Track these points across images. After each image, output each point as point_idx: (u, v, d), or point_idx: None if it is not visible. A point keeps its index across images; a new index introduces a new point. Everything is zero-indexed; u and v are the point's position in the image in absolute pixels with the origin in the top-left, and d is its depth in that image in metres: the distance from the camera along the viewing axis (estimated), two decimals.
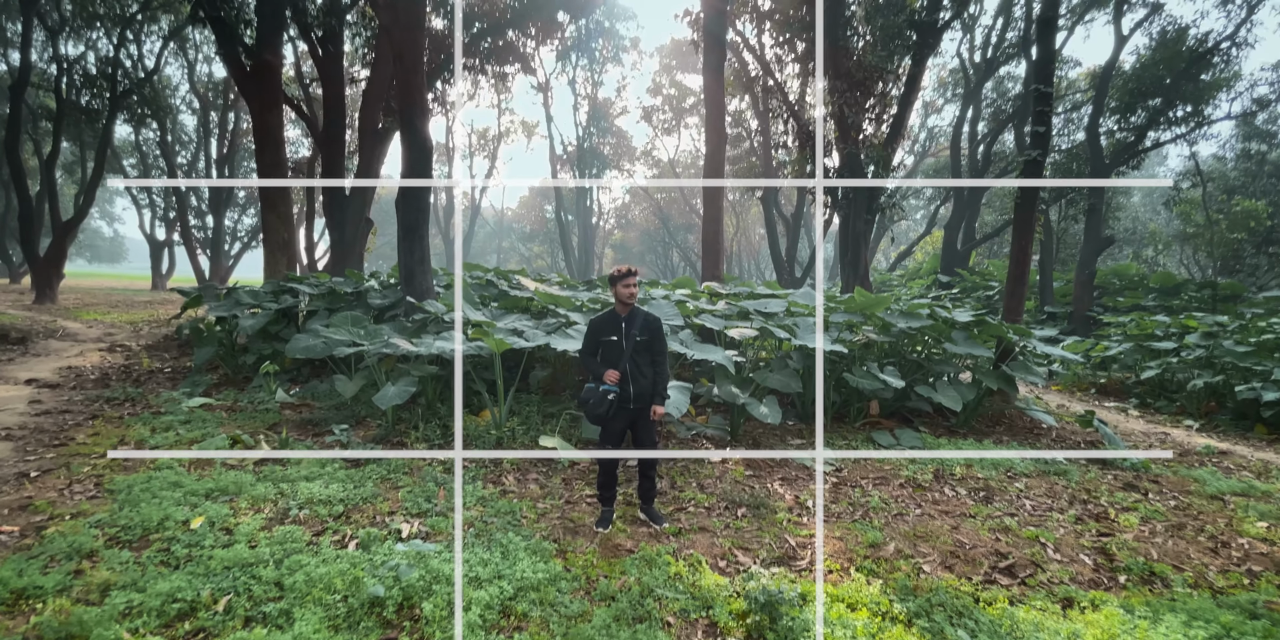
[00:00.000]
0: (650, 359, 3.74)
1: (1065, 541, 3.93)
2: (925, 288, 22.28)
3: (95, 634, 2.40)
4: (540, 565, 3.11)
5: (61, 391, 7.20)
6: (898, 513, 4.29)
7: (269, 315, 8.28)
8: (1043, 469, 5.54)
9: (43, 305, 18.46)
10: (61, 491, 4.07)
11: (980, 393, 6.96)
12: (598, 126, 33.67)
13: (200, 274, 28.77)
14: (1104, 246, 16.46)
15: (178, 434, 5.52)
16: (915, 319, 6.89)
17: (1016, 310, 8.14)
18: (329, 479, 4.40)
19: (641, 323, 3.72)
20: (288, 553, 3.22)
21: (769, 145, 21.23)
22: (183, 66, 29.82)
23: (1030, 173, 7.83)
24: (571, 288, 9.11)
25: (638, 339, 3.69)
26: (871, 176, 12.09)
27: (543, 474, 4.84)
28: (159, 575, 2.94)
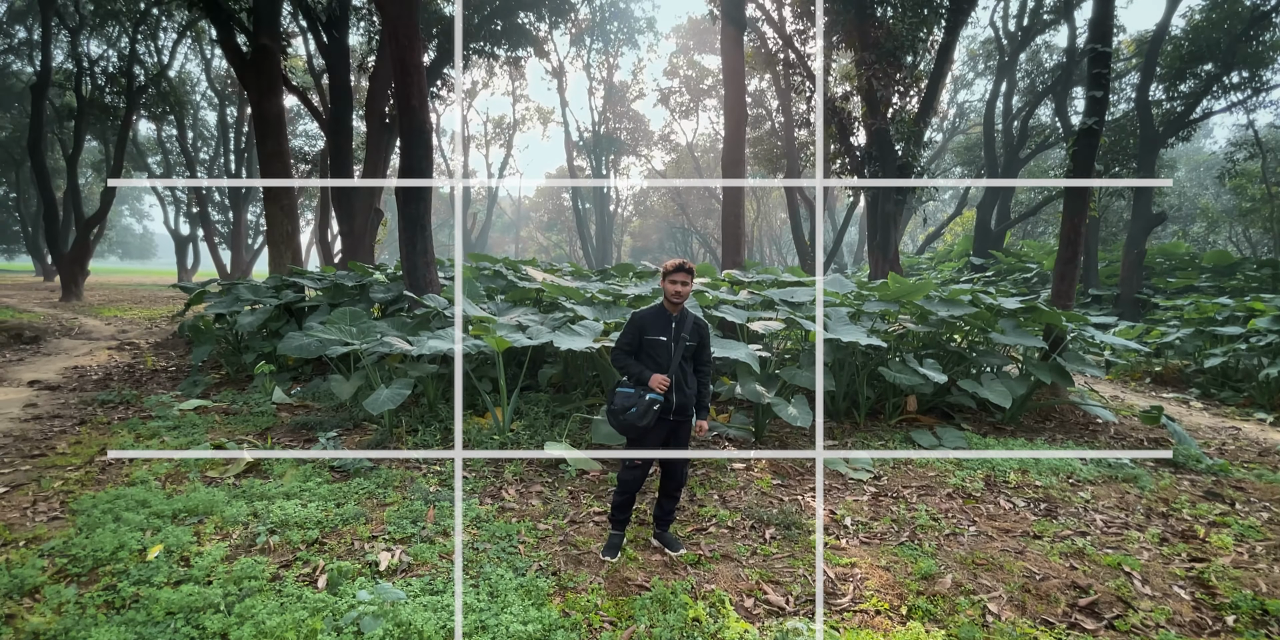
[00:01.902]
0: (695, 367, 3.37)
1: (1153, 569, 3.36)
2: (956, 271, 21.37)
3: None
4: (533, 612, 2.64)
5: (60, 394, 6.94)
6: (950, 532, 3.74)
7: (268, 312, 7.93)
8: (1108, 474, 4.93)
9: (68, 302, 18.55)
10: (25, 511, 3.72)
11: (1030, 386, 6.33)
12: (614, 111, 32.96)
13: (222, 268, 28.88)
14: (1155, 223, 15.45)
15: (163, 441, 5.17)
16: (957, 306, 6.27)
17: (1067, 294, 7.45)
18: (310, 495, 3.99)
19: (692, 326, 3.30)
20: (244, 594, 2.79)
21: (790, 125, 20.40)
22: (201, 62, 29.81)
23: (1086, 142, 7.10)
24: (584, 278, 8.61)
25: (687, 343, 3.24)
26: (901, 153, 11.33)
27: (548, 485, 4.38)
28: (94, 622, 2.53)
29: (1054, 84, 18.81)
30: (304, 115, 30.74)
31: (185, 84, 29.63)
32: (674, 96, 33.64)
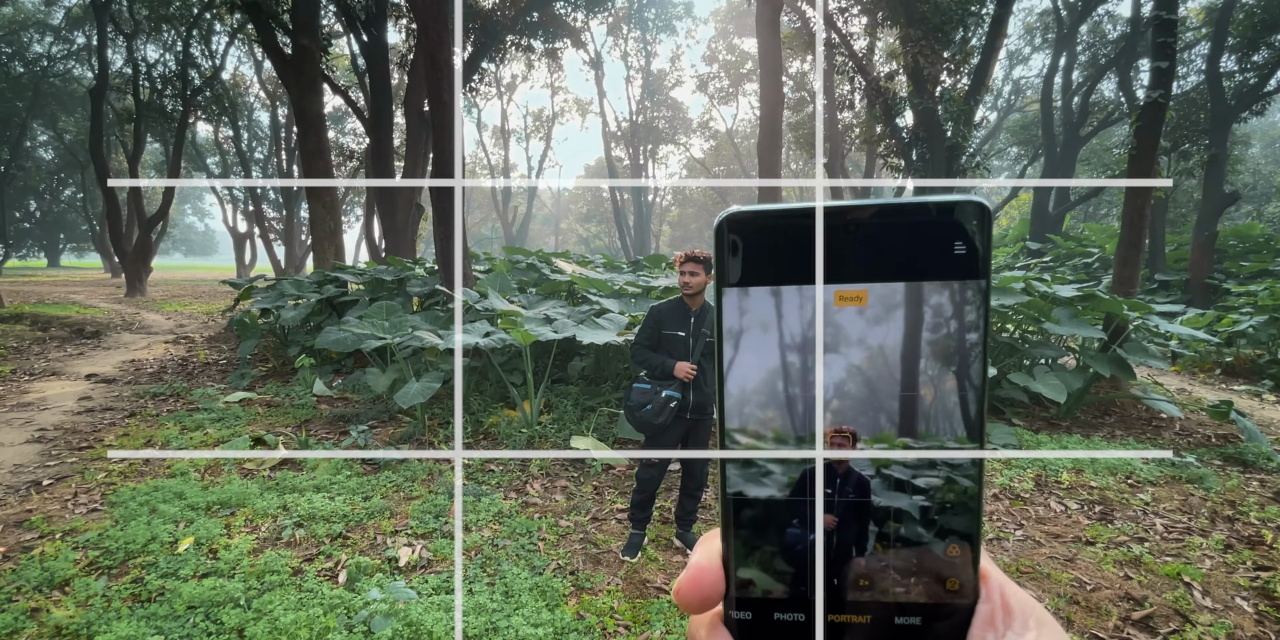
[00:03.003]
0: (714, 364, 3.18)
1: (1215, 579, 3.09)
2: (1011, 256, 20.47)
3: None
4: (546, 614, 2.58)
5: (114, 387, 7.25)
6: (994, 537, 3.53)
7: (310, 306, 8.11)
8: (1171, 474, 4.60)
9: (132, 298, 19.50)
10: (66, 503, 3.86)
11: (1087, 380, 5.97)
12: (652, 100, 32.66)
13: (276, 264, 29.89)
14: (1227, 204, 14.43)
15: (206, 433, 5.34)
16: (1008, 295, 5.94)
17: (1130, 281, 6.99)
18: (339, 488, 4.03)
19: (711, 320, 3.15)
20: (265, 588, 2.82)
21: (833, 107, 19.81)
22: (252, 64, 30.78)
23: (1151, 117, 6.61)
24: (615, 269, 8.52)
25: (706, 338, 3.11)
26: (951, 133, 10.83)
27: (573, 480, 4.33)
28: (117, 616, 2.58)
29: (1117, 56, 17.71)
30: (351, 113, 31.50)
31: (238, 86, 30.65)
32: (713, 82, 33.12)
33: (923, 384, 0.29)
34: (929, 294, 0.28)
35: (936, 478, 0.29)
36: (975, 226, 0.28)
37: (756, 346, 0.29)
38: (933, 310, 0.28)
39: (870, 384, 0.29)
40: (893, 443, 0.29)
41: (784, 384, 0.29)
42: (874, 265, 0.28)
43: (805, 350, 0.29)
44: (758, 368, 0.29)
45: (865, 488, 0.29)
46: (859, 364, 0.29)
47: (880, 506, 0.29)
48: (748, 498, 0.30)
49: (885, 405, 0.29)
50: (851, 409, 0.29)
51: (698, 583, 0.29)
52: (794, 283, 0.29)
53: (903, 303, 0.28)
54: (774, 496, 0.30)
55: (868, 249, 0.28)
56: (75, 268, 46.31)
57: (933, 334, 0.28)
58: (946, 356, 0.28)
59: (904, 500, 0.29)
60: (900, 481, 0.29)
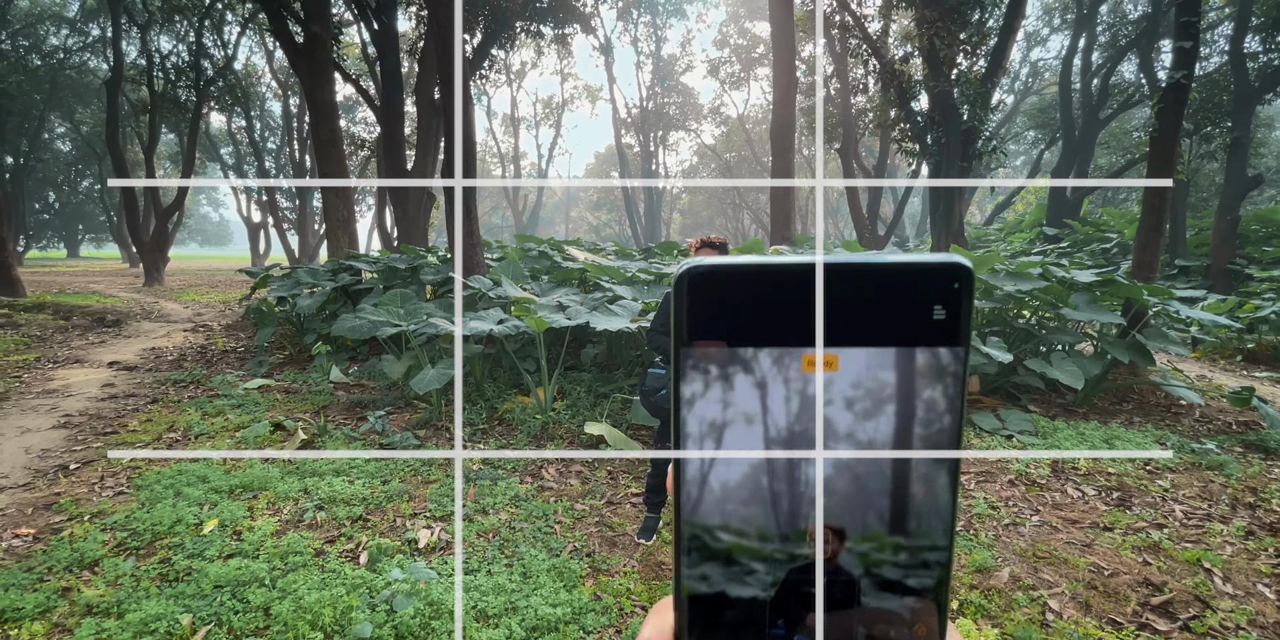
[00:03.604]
0: None
1: (1236, 566, 3.07)
2: (1028, 242, 20.22)
3: None
4: (563, 594, 2.62)
5: (136, 374, 7.36)
6: (1010, 522, 3.52)
7: (325, 294, 8.18)
8: (1191, 461, 4.56)
9: (150, 287, 19.75)
10: (93, 486, 3.94)
11: (1105, 366, 5.91)
12: (662, 85, 32.38)
13: (291, 253, 30.11)
14: (1250, 187, 14.13)
15: (226, 419, 5.42)
16: (1025, 280, 5.87)
17: (1149, 266, 6.88)
18: (358, 472, 4.09)
19: None
20: (289, 568, 2.87)
21: (846, 91, 19.55)
22: (264, 53, 30.81)
23: (1173, 98, 6.46)
24: (627, 256, 8.51)
25: None
26: (967, 116, 10.66)
27: (587, 465, 4.36)
28: (146, 595, 2.65)
29: (1139, 37, 17.31)
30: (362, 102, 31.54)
31: (250, 76, 30.72)
32: (724, 67, 32.77)
33: (893, 458, 0.27)
34: (904, 361, 0.26)
35: (909, 550, 0.27)
36: (956, 290, 0.26)
37: (717, 414, 0.27)
38: (906, 379, 0.26)
39: (837, 461, 0.27)
40: (877, 539, 0.27)
41: (766, 478, 0.27)
42: (845, 328, 0.26)
43: (773, 418, 0.27)
44: (719, 440, 0.27)
45: (853, 589, 0.27)
46: (824, 436, 0.27)
47: (857, 578, 0.27)
48: (708, 597, 0.28)
49: (853, 480, 0.27)
50: (814, 483, 0.27)
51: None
52: (761, 344, 0.27)
53: (875, 369, 0.26)
54: (742, 595, 0.27)
55: (839, 311, 0.26)
56: (94, 258, 46.93)
57: (905, 404, 0.26)
58: (920, 429, 0.26)
59: (893, 602, 0.27)
60: (889, 582, 0.27)
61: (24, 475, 4.10)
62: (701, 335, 0.27)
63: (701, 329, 0.27)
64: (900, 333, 0.26)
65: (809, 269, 0.26)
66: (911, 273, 0.26)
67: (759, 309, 0.27)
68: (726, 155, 39.09)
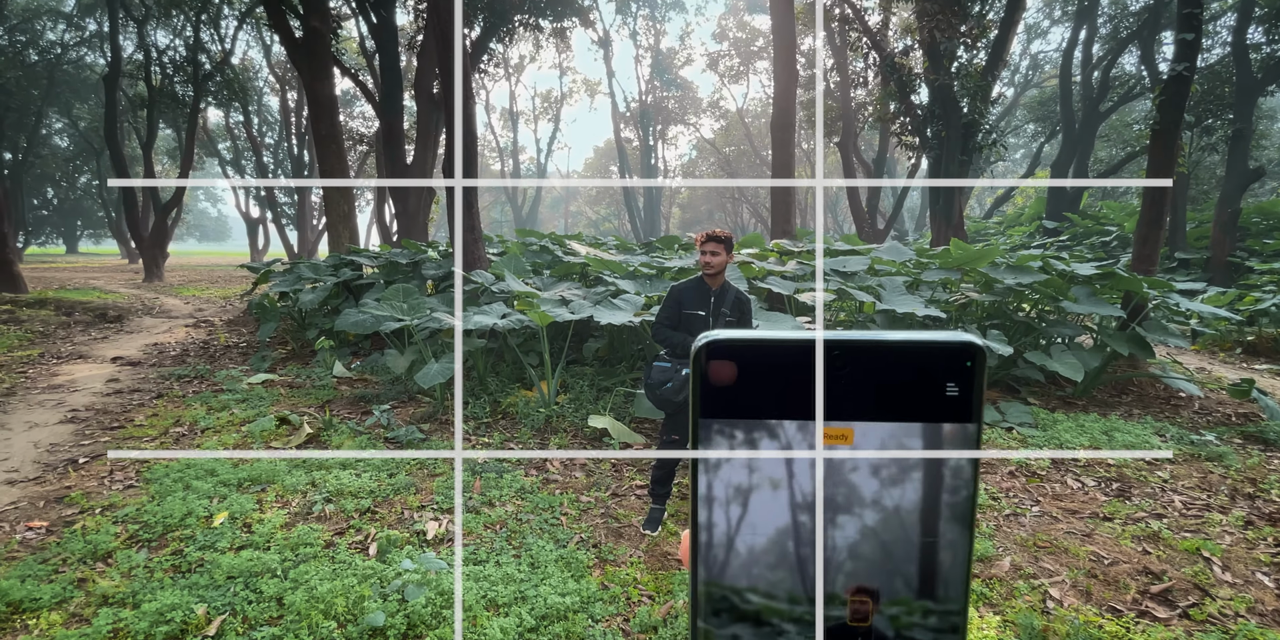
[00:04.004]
0: None
1: (1235, 555, 3.11)
2: (1027, 236, 20.22)
3: None
4: (571, 584, 2.65)
5: (140, 369, 7.39)
6: (1011, 512, 3.56)
7: (327, 289, 8.20)
8: (1190, 452, 4.60)
9: (150, 283, 19.75)
10: (102, 480, 3.98)
11: (1105, 358, 5.95)
12: (661, 79, 32.28)
13: (290, 248, 30.09)
14: (1251, 180, 14.14)
15: (232, 413, 5.45)
16: (1025, 273, 5.90)
17: (1150, 259, 6.91)
18: (364, 466, 4.13)
19: (733, 300, 3.20)
20: (300, 559, 2.91)
21: (846, 84, 19.51)
22: (261, 48, 30.68)
23: (1175, 91, 6.47)
24: (628, 251, 8.53)
25: (727, 319, 3.15)
26: (967, 110, 10.66)
27: (591, 457, 4.40)
28: (160, 586, 2.68)
29: (1140, 28, 17.27)
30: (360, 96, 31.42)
31: (248, 71, 30.60)
32: (723, 60, 32.66)
33: (907, 528, 0.27)
34: (917, 436, 0.27)
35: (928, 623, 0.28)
36: (969, 368, 0.27)
37: (736, 483, 0.27)
38: (920, 453, 0.27)
39: (848, 526, 0.28)
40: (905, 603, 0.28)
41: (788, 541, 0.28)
42: (860, 403, 0.27)
43: (791, 489, 0.27)
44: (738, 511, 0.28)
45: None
46: (841, 507, 0.28)
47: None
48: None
49: (867, 548, 0.28)
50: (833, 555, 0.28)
51: None
52: (778, 416, 0.27)
53: (890, 444, 0.27)
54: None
55: (854, 386, 0.27)
56: (93, 254, 46.88)
57: (920, 477, 0.27)
58: (934, 501, 0.27)
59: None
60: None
61: (34, 469, 4.13)
62: (720, 408, 0.28)
63: (720, 402, 0.28)
64: (915, 408, 0.27)
65: (827, 345, 0.27)
66: (926, 352, 0.27)
67: (774, 382, 0.28)
68: (726, 149, 39.01)
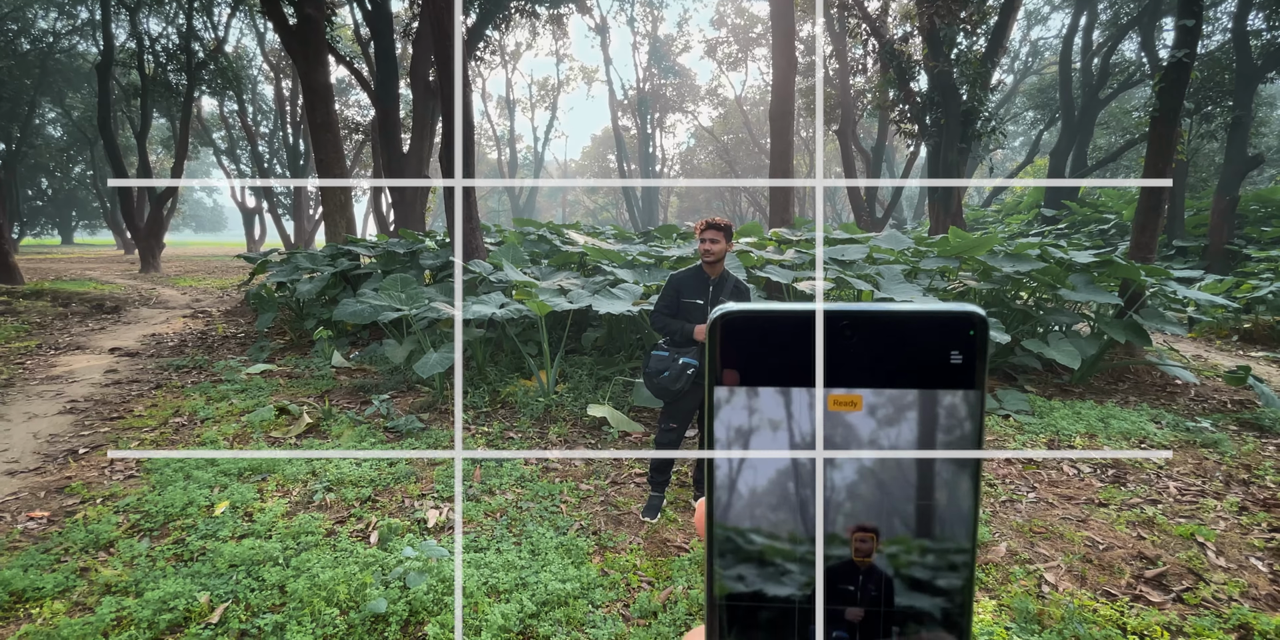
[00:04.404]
0: None
1: (1229, 540, 3.14)
2: (1025, 224, 20.20)
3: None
4: (572, 570, 2.68)
5: (138, 360, 7.38)
6: (1007, 499, 3.59)
7: (325, 279, 8.18)
8: (1186, 439, 4.63)
9: (147, 274, 19.68)
10: (103, 470, 3.99)
11: (1102, 346, 5.97)
12: (659, 66, 32.03)
13: (286, 238, 29.96)
14: (1250, 167, 14.11)
15: (231, 403, 5.46)
16: (1023, 261, 5.90)
17: (1148, 246, 6.91)
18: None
19: (732, 289, 3.19)
20: (301, 548, 2.93)
21: (845, 71, 19.38)
22: (254, 36, 30.34)
23: (1174, 77, 6.44)
24: (626, 240, 8.51)
25: None
26: (967, 97, 10.60)
27: (591, 446, 4.42)
28: (163, 574, 2.70)
29: (1140, 15, 17.14)
30: (355, 85, 31.18)
31: (241, 59, 30.29)
32: (721, 47, 32.40)
33: (915, 491, 0.28)
34: (923, 402, 0.28)
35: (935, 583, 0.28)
36: (972, 337, 0.28)
37: (752, 444, 0.29)
38: (926, 418, 0.28)
39: (858, 488, 0.29)
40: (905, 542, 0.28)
41: (787, 482, 0.29)
42: (869, 371, 0.28)
43: (803, 448, 0.29)
44: (751, 471, 0.29)
45: (876, 596, 0.29)
46: (850, 470, 0.29)
47: (879, 613, 0.29)
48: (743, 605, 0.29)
49: (877, 509, 0.29)
50: (847, 514, 0.29)
51: None
52: (789, 384, 0.28)
53: (896, 410, 0.28)
54: (776, 604, 0.29)
55: (862, 355, 0.28)
56: (89, 245, 46.66)
57: (925, 442, 0.28)
58: (939, 465, 0.28)
59: (907, 603, 0.28)
60: (918, 582, 0.28)
61: (34, 460, 4.14)
62: (733, 377, 0.29)
63: (732, 369, 0.29)
64: (920, 376, 0.28)
65: (829, 315, 0.28)
66: (930, 321, 0.28)
67: (785, 351, 0.29)
68: (724, 137, 38.80)
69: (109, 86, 19.61)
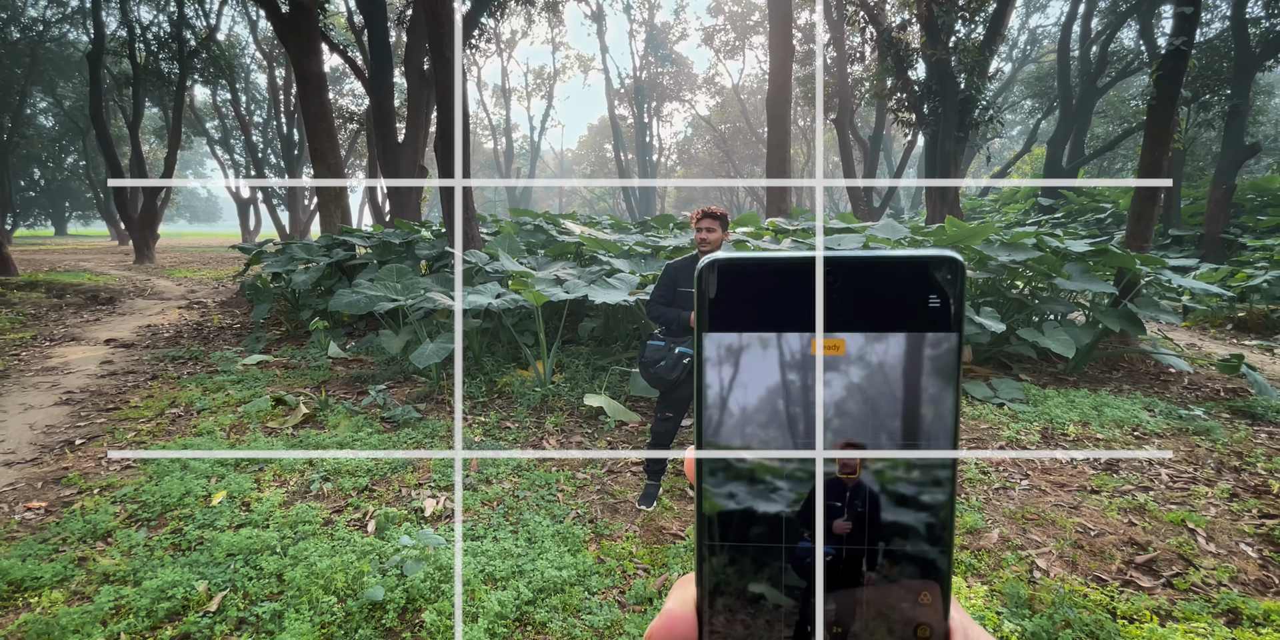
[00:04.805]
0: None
1: (1220, 526, 3.17)
2: (1023, 212, 20.19)
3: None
4: (568, 558, 2.70)
5: (134, 351, 7.37)
6: (1000, 486, 3.62)
7: (320, 270, 8.15)
8: (1178, 426, 4.66)
9: (141, 265, 19.59)
10: (99, 461, 3.99)
11: (1097, 335, 5.99)
12: (656, 54, 31.78)
13: (281, 229, 29.81)
14: (1247, 156, 14.09)
15: (228, 394, 5.46)
16: (1020, 250, 5.91)
17: (1143, 235, 6.92)
18: (361, 445, 4.15)
19: None
20: (298, 537, 2.94)
21: (843, 60, 19.27)
22: (247, 24, 29.99)
23: (1172, 65, 6.42)
24: (623, 230, 8.49)
25: None
26: (964, 85, 10.55)
27: (587, 435, 4.44)
28: (161, 564, 2.71)
29: (1139, 2, 17.03)
30: (349, 74, 30.87)
31: (234, 47, 29.94)
32: (719, 35, 32.16)
33: (896, 432, 0.29)
34: (903, 345, 0.29)
35: (913, 523, 0.29)
36: (950, 280, 0.29)
37: (739, 393, 0.30)
38: (906, 361, 0.29)
39: (845, 433, 0.29)
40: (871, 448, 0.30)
41: (766, 431, 0.30)
42: (850, 316, 0.29)
43: (789, 397, 0.29)
44: (739, 415, 0.30)
45: (852, 534, 0.30)
46: (835, 412, 0.29)
47: (862, 551, 0.29)
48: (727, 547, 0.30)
49: (862, 429, 0.30)
50: (833, 427, 0.30)
51: (670, 629, 0.31)
52: (775, 329, 0.29)
53: (877, 353, 0.29)
54: (758, 547, 0.30)
55: (845, 300, 0.29)
56: (82, 236, 46.38)
57: (906, 384, 0.29)
58: (919, 406, 0.29)
59: (885, 544, 0.29)
60: (903, 497, 0.29)
61: (30, 451, 4.14)
62: (722, 322, 0.30)
63: (722, 316, 0.30)
64: (900, 319, 0.29)
65: (813, 262, 0.29)
66: (910, 265, 0.29)
67: (773, 298, 0.30)
68: (721, 126, 38.60)
69: (100, 75, 19.39)
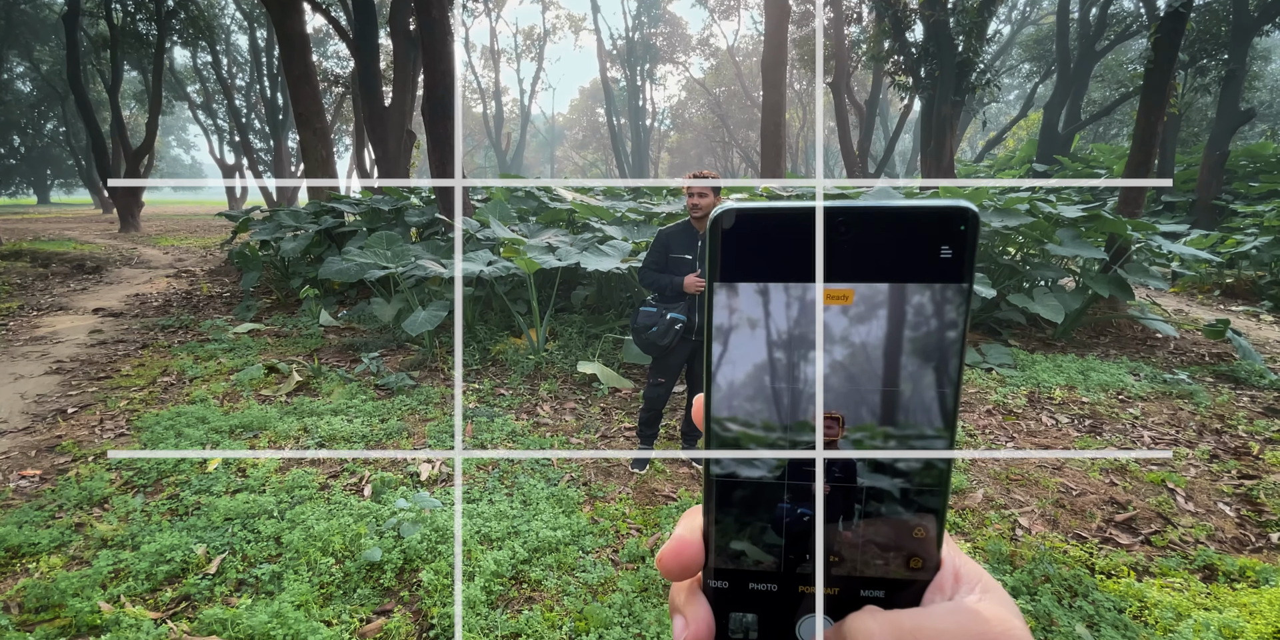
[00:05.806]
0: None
1: (1199, 486, 3.25)
2: (1017, 178, 20.07)
3: (71, 604, 2.20)
4: (562, 519, 2.74)
5: (123, 320, 7.32)
6: (986, 448, 3.69)
7: (309, 237, 8.05)
8: (1162, 390, 4.74)
9: (127, 233, 19.28)
10: (93, 429, 4.00)
11: (1086, 301, 6.03)
12: (649, 14, 30.93)
13: (268, 196, 29.32)
14: (1242, 122, 13.99)
15: (219, 362, 5.45)
16: (1012, 216, 5.89)
17: (1136, 201, 6.91)
18: (356, 412, 4.17)
19: None
20: (295, 501, 2.98)
21: (840, 21, 18.82)
22: None
23: (1170, 28, 6.30)
24: (615, 196, 8.40)
25: None
26: (962, 48, 10.35)
27: (581, 402, 4.47)
28: (159, 528, 2.75)
29: None
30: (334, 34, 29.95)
31: (214, 7, 28.90)
32: None
33: (902, 380, 0.29)
34: (912, 295, 0.29)
35: (913, 463, 0.30)
36: (963, 231, 0.28)
37: (746, 341, 0.30)
38: (915, 311, 0.29)
39: (853, 378, 0.30)
40: (874, 432, 0.30)
41: (772, 378, 0.30)
42: (861, 266, 0.29)
43: (794, 345, 0.30)
44: (747, 362, 0.30)
45: (851, 470, 0.30)
46: (842, 359, 0.30)
47: (861, 488, 0.30)
48: (732, 480, 0.31)
49: (867, 398, 0.30)
50: (834, 401, 0.30)
51: (679, 554, 0.31)
52: (785, 280, 0.29)
53: (887, 303, 0.29)
54: (760, 480, 0.31)
55: (856, 250, 0.29)
56: (66, 204, 45.50)
57: (913, 333, 0.29)
58: (925, 355, 0.29)
59: (884, 481, 0.30)
60: (881, 464, 0.30)
61: (22, 420, 4.14)
62: (732, 272, 0.30)
63: (732, 266, 0.30)
64: (911, 270, 0.29)
65: (827, 212, 0.29)
66: (923, 216, 0.29)
67: (783, 248, 0.29)
68: (716, 90, 37.87)
69: (77, 38, 18.74)
